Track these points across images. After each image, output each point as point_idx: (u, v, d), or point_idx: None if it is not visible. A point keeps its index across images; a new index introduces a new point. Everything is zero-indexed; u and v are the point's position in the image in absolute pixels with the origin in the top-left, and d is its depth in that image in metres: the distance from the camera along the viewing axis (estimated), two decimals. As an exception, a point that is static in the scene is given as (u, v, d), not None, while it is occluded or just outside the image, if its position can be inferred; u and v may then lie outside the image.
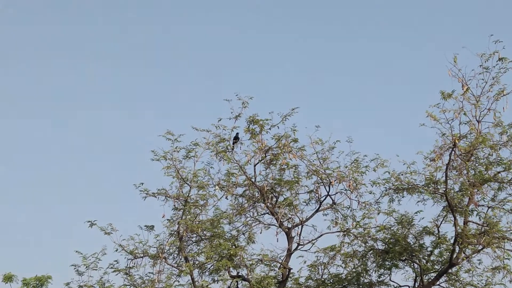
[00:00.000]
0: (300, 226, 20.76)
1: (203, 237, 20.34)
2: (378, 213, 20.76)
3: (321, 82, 55.28)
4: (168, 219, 20.13)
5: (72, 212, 46.38)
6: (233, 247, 19.65)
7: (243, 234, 21.06)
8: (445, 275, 20.09)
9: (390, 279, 21.32)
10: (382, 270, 21.26)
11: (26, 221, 46.59)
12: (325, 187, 20.60)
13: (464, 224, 18.98)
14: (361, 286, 21.25)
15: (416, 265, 20.52)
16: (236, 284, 20.43)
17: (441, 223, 20.29)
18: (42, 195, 49.35)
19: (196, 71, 56.69)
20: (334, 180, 20.26)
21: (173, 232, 20.07)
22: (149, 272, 19.80)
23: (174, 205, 20.20)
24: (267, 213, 20.93)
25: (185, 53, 56.41)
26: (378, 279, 21.34)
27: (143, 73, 55.46)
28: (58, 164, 51.53)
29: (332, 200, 20.80)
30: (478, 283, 20.47)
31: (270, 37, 57.49)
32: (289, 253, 20.49)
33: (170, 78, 56.11)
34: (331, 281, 21.40)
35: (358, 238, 21.00)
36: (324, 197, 20.74)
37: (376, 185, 20.50)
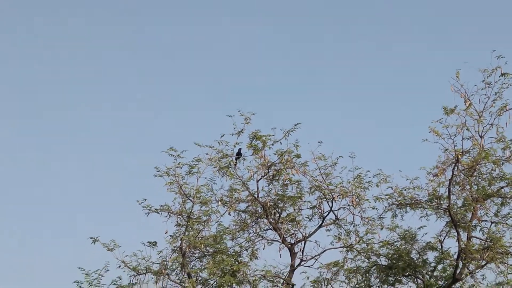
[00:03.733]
0: (303, 242, 20.71)
1: (206, 253, 20.30)
2: (381, 229, 20.72)
3: (323, 97, 55.36)
4: (170, 235, 20.07)
5: (74, 228, 46.36)
6: (236, 263, 19.57)
7: (246, 250, 20.98)
8: (449, 290, 20.04)
9: (393, 294, 21.29)
10: (385, 286, 21.19)
11: (27, 237, 46.55)
12: (328, 203, 20.57)
13: (467, 239, 18.95)
14: (364, 302, 21.22)
15: (419, 281, 20.49)
16: (239, 300, 20.36)
17: (444, 238, 20.29)
18: (44, 211, 49.32)
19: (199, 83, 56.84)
20: (337, 196, 20.22)
21: (176, 248, 20.01)
22: (152, 289, 19.78)
23: (177, 221, 20.15)
24: (270, 228, 20.89)
25: (187, 61, 56.61)
26: (382, 295, 21.31)
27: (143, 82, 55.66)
28: (58, 179, 51.60)
29: (335, 216, 20.77)
30: (481, 299, 20.44)
31: (276, 48, 57.69)
32: (292, 269, 20.42)
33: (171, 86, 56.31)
34: (335, 297, 21.37)
35: (361, 253, 20.96)
36: (327, 212, 20.72)
37: (379, 201, 20.46)
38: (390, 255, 20.60)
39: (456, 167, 18.69)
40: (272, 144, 19.82)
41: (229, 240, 20.75)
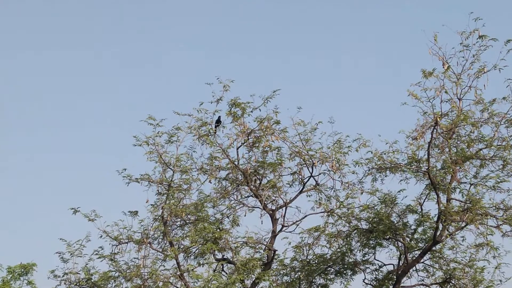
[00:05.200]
0: (284, 208, 20.79)
1: (187, 221, 20.34)
2: (362, 193, 20.82)
3: (302, 63, 55.27)
4: (152, 204, 20.07)
5: (55, 199, 46.27)
6: (218, 230, 19.64)
7: (228, 217, 21.09)
8: (429, 252, 20.22)
9: (374, 258, 21.50)
10: (366, 249, 21.42)
11: (9, 209, 46.40)
12: (308, 168, 20.62)
13: (447, 201, 19.07)
14: (346, 266, 21.38)
15: (400, 244, 20.64)
16: (221, 267, 20.44)
17: (424, 201, 20.42)
18: (25, 184, 49.12)
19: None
20: (317, 161, 20.27)
21: (157, 217, 20.00)
22: (134, 258, 19.74)
23: (158, 190, 20.15)
24: (251, 195, 20.94)
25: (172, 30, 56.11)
26: (363, 258, 21.49)
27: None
28: (40, 150, 51.40)
29: (316, 181, 20.86)
30: (462, 260, 20.66)
31: (252, 19, 57.33)
32: (274, 235, 20.52)
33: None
34: (316, 261, 21.51)
35: (342, 218, 21.08)
36: (308, 178, 20.79)
37: (358, 165, 20.53)
38: (370, 219, 20.72)
39: (435, 130, 18.77)
40: (252, 111, 19.78)
41: (210, 208, 20.84)
